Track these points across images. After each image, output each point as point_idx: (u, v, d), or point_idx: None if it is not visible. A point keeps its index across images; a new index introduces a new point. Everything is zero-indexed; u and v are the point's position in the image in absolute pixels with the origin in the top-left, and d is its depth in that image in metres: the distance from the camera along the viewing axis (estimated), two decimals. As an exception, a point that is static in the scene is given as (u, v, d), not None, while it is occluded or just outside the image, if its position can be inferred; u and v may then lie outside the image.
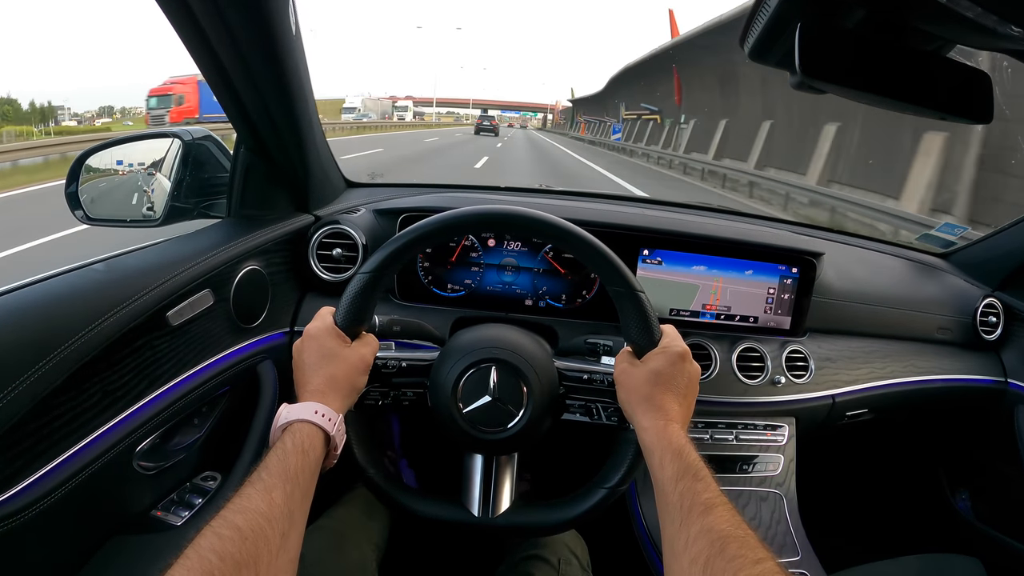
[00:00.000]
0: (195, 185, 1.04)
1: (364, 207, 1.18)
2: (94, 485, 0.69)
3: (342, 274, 1.08)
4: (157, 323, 0.77)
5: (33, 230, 5.03)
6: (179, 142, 1.04)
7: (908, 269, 1.43)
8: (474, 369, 0.75)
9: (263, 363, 0.99)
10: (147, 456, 0.80)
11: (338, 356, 0.69)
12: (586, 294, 1.14)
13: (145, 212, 1.09)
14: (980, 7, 0.45)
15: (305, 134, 1.00)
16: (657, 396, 0.68)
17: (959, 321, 1.35)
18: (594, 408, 0.80)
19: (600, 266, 0.75)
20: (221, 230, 0.98)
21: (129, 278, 0.75)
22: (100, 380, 0.70)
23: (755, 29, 0.58)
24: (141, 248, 0.85)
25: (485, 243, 1.13)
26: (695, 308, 1.16)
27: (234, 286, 0.91)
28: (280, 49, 0.84)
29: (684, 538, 0.54)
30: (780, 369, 1.15)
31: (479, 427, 0.75)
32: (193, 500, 0.87)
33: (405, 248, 0.74)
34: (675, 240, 1.14)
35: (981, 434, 1.45)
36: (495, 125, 37.19)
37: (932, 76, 0.55)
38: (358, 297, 0.72)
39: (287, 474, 0.56)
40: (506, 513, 0.79)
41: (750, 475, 1.13)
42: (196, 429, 0.91)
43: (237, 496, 0.52)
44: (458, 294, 1.14)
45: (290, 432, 0.61)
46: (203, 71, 0.84)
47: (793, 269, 1.17)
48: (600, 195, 1.50)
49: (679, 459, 0.61)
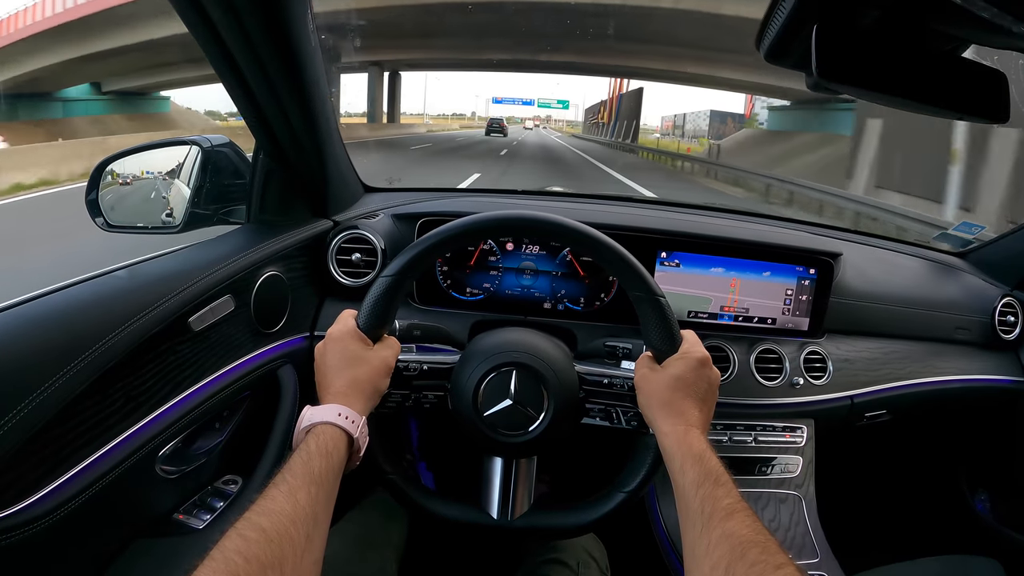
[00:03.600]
0: (214, 192, 1.05)
1: (382, 212, 1.18)
2: (118, 489, 0.70)
3: (361, 279, 1.09)
4: (179, 329, 0.78)
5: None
6: (198, 149, 1.05)
7: (926, 269, 1.42)
8: (495, 373, 0.76)
9: (283, 367, 1.00)
10: (169, 460, 0.81)
11: (361, 359, 0.70)
12: (604, 297, 1.14)
13: (164, 219, 1.11)
14: (996, 7, 0.45)
15: (324, 140, 1.02)
16: (677, 401, 0.69)
17: (977, 321, 1.34)
18: (614, 412, 0.80)
19: (621, 271, 0.75)
20: (241, 236, 0.99)
21: (151, 284, 0.76)
22: (123, 385, 0.71)
23: (771, 30, 0.58)
24: (162, 255, 0.87)
25: (503, 247, 1.13)
26: (713, 310, 1.16)
27: (254, 291, 0.92)
28: (299, 58, 0.86)
29: (705, 543, 0.55)
30: (798, 370, 1.15)
31: (499, 430, 0.75)
32: (215, 503, 0.87)
33: (427, 252, 0.75)
34: (693, 242, 1.14)
35: (1001, 434, 1.44)
36: (504, 127, 40.02)
37: (948, 76, 0.55)
38: (381, 300, 0.73)
39: (311, 476, 0.56)
40: (525, 516, 0.80)
41: (769, 477, 1.13)
42: (217, 433, 0.92)
43: (262, 498, 0.53)
44: (477, 298, 1.14)
45: (314, 434, 0.61)
46: (222, 79, 0.86)
47: (811, 270, 1.17)
48: (617, 197, 1.51)
49: (700, 464, 0.62)
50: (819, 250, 1.18)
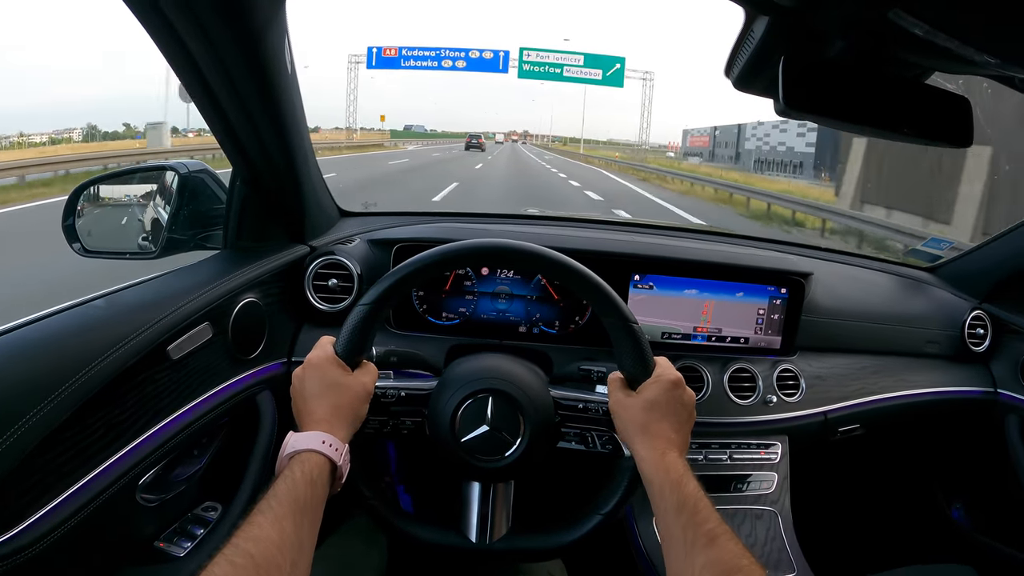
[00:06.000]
0: (191, 217, 1.05)
1: (359, 237, 1.19)
2: (99, 519, 0.70)
3: (338, 304, 1.09)
4: (158, 357, 0.78)
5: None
6: (175, 175, 1.06)
7: (896, 284, 1.45)
8: (471, 399, 0.77)
9: (262, 394, 1.00)
10: (149, 488, 0.81)
11: (341, 385, 0.71)
12: (579, 320, 1.16)
13: (141, 243, 1.10)
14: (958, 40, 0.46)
15: (300, 167, 1.02)
16: (654, 425, 0.70)
17: (947, 334, 1.37)
18: (589, 436, 0.81)
19: (594, 298, 0.77)
20: (218, 263, 1.00)
21: (130, 313, 0.77)
22: (103, 415, 0.71)
23: (740, 59, 0.60)
24: (140, 282, 0.87)
25: (478, 272, 1.14)
26: (686, 331, 1.18)
27: (232, 319, 0.92)
28: (276, 87, 0.86)
29: (690, 571, 0.57)
30: (772, 388, 1.17)
31: (477, 456, 0.76)
32: (195, 531, 0.88)
33: (405, 280, 0.76)
34: (666, 265, 1.16)
35: (973, 444, 1.46)
36: (482, 143, 40.60)
37: (913, 103, 0.57)
38: (358, 328, 0.73)
39: (297, 504, 0.57)
40: (503, 539, 0.81)
41: (744, 494, 1.15)
42: (196, 460, 0.92)
43: (248, 524, 0.54)
44: (453, 322, 1.15)
45: (298, 461, 0.62)
46: (199, 106, 0.86)
47: (782, 289, 1.19)
48: (592, 221, 1.52)
49: (678, 490, 0.63)
50: (790, 270, 1.20)
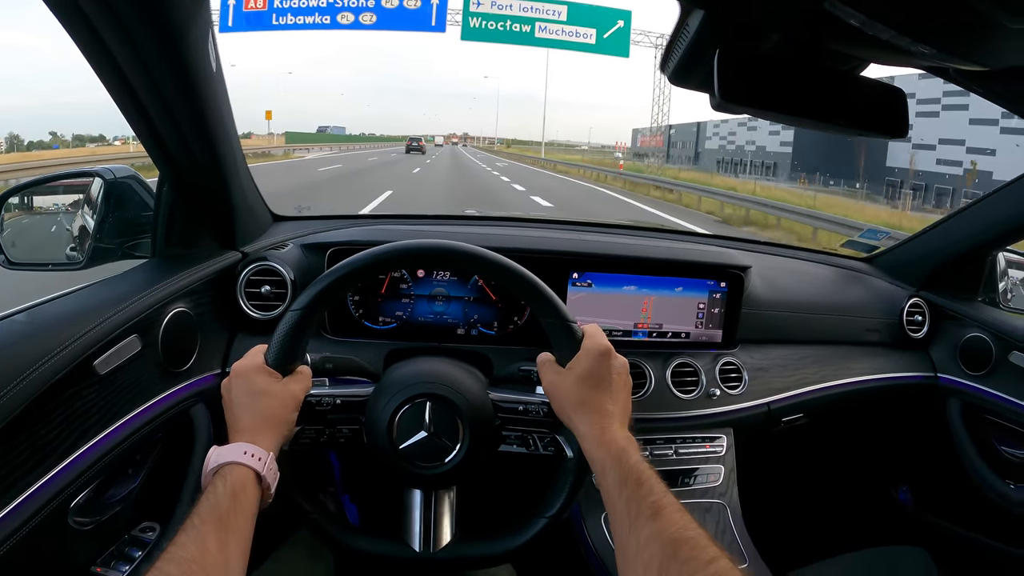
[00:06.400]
0: (119, 225, 1.02)
1: (292, 242, 1.17)
2: (29, 547, 0.67)
3: (272, 311, 1.07)
4: (84, 373, 0.75)
5: None
6: (101, 181, 1.02)
7: (834, 275, 1.49)
8: (408, 405, 0.76)
9: (196, 407, 0.97)
10: (82, 511, 0.78)
11: (267, 393, 0.69)
12: (518, 320, 1.15)
13: (69, 254, 1.06)
14: (894, 30, 0.47)
15: (228, 170, 0.99)
16: (590, 399, 0.69)
17: (886, 322, 1.41)
18: (531, 439, 0.81)
19: (532, 298, 0.76)
20: (146, 272, 0.96)
21: (53, 327, 0.74)
22: (28, 436, 0.68)
23: (675, 54, 0.60)
24: (64, 295, 0.83)
25: (415, 274, 1.13)
26: (627, 328, 1.19)
27: (162, 330, 0.89)
28: (200, 86, 0.83)
29: (635, 544, 0.56)
30: (714, 381, 1.19)
31: (416, 462, 0.75)
32: (133, 553, 0.85)
33: (336, 284, 0.74)
34: (604, 262, 1.17)
35: (916, 428, 1.51)
36: (422, 145, 40.75)
37: (848, 95, 0.58)
38: (289, 335, 0.72)
39: (220, 520, 0.56)
40: (448, 547, 0.80)
41: (692, 487, 1.16)
42: (131, 479, 0.89)
43: (171, 545, 0.52)
44: (390, 326, 1.13)
45: (221, 475, 0.60)
46: (121, 108, 0.83)
47: (721, 283, 1.21)
48: (529, 220, 1.53)
49: (619, 465, 0.62)
50: (729, 264, 1.22)
